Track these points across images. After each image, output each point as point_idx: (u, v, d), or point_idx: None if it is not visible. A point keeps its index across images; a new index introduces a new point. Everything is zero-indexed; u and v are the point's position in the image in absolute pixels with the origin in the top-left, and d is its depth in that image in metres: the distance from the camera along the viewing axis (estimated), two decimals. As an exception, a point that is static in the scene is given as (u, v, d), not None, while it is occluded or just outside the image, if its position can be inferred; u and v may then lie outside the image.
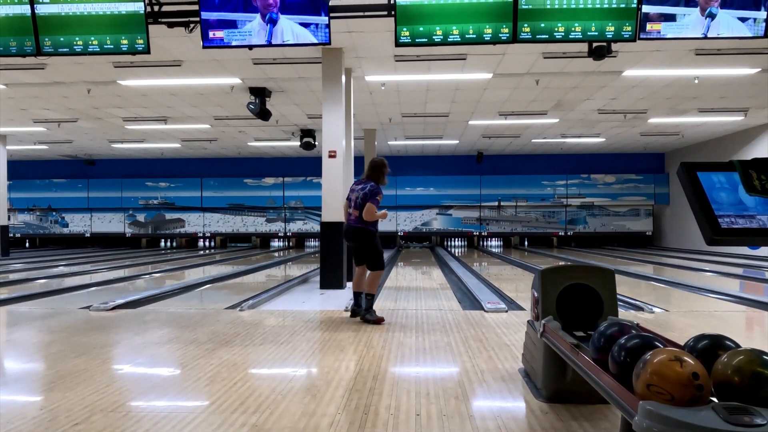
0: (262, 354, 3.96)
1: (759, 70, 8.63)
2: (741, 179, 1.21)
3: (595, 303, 2.96)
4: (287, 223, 19.31)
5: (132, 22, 5.54)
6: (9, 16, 5.62)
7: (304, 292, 7.37)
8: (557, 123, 13.12)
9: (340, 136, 7.58)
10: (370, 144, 13.89)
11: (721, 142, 15.25)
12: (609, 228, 18.63)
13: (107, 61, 8.08)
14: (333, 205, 7.58)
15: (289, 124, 13.01)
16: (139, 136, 14.66)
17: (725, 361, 1.68)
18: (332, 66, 7.59)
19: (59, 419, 2.65)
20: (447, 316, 5.46)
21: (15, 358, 4.02)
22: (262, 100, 9.61)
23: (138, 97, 10.32)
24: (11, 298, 6.78)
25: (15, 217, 19.57)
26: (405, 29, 5.34)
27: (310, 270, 10.27)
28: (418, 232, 19.07)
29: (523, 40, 5.28)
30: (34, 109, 11.31)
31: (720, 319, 5.26)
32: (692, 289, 7.38)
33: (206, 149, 17.15)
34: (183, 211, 19.45)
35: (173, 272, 10.48)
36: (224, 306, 6.09)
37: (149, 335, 4.59)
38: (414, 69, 8.55)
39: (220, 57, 7.94)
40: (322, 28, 5.42)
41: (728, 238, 1.17)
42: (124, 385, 3.26)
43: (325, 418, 2.66)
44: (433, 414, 2.72)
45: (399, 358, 3.84)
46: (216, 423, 2.60)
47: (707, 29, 5.16)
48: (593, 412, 2.71)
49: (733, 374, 1.62)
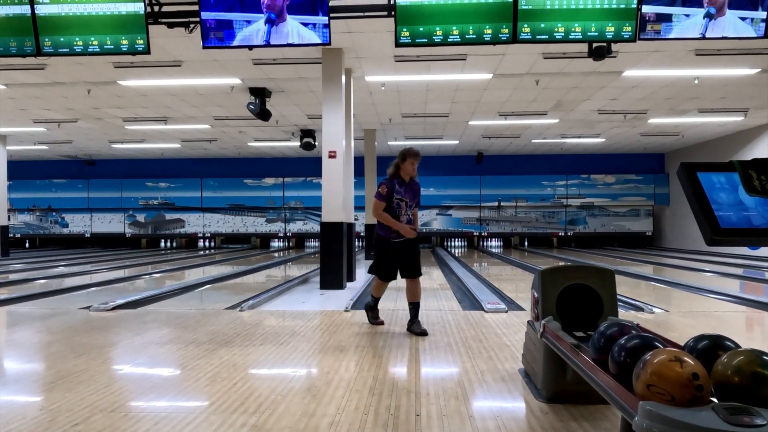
0: (262, 354, 3.96)
1: (759, 70, 8.62)
2: (741, 179, 1.21)
3: (595, 303, 2.96)
4: (287, 224, 19.31)
5: (132, 23, 5.54)
6: (9, 16, 5.62)
7: (304, 293, 7.36)
8: (557, 123, 13.12)
9: (340, 136, 7.58)
10: (370, 144, 13.90)
11: (721, 142, 15.25)
12: (609, 228, 18.62)
13: (107, 61, 8.08)
14: (333, 205, 7.57)
15: (289, 124, 13.01)
16: (139, 136, 14.66)
17: (725, 361, 1.68)
18: (332, 66, 7.59)
19: (59, 419, 2.65)
20: (447, 316, 5.46)
21: (15, 358, 4.01)
22: (262, 101, 9.61)
23: (138, 97, 10.32)
24: (11, 298, 6.78)
25: (15, 218, 19.57)
26: (405, 29, 5.34)
27: (310, 270, 10.27)
28: (418, 233, 19.03)
29: (523, 41, 5.28)
30: (34, 109, 11.31)
31: (720, 320, 5.27)
32: (692, 290, 7.38)
33: (206, 149, 17.15)
34: (183, 212, 19.45)
35: (173, 272, 10.48)
36: (224, 306, 6.09)
37: (149, 335, 4.59)
38: (414, 69, 8.55)
39: (220, 57, 7.94)
40: (321, 28, 5.42)
41: (728, 239, 1.17)
42: (124, 385, 3.26)
43: (325, 418, 2.66)
44: (433, 414, 2.72)
45: (399, 358, 3.84)
46: (216, 423, 2.60)
47: (705, 29, 5.16)
48: (593, 413, 2.70)
49: (733, 374, 1.62)
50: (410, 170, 4.68)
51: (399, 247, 4.70)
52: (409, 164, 4.66)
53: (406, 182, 4.72)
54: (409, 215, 4.73)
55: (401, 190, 4.68)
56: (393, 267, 4.72)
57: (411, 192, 4.74)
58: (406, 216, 4.70)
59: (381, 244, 4.77)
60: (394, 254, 4.70)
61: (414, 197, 4.76)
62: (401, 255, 4.70)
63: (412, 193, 4.75)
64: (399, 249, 4.70)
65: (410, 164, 4.66)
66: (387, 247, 4.72)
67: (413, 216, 4.79)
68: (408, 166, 4.67)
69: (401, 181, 4.70)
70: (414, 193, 4.77)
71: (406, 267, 4.70)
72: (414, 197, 4.76)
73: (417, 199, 4.81)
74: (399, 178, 4.71)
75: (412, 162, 4.66)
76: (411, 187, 4.75)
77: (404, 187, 4.70)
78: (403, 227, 4.63)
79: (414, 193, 4.77)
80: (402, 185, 4.69)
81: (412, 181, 4.79)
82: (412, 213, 4.78)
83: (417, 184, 4.84)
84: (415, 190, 4.79)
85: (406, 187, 4.71)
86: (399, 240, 4.68)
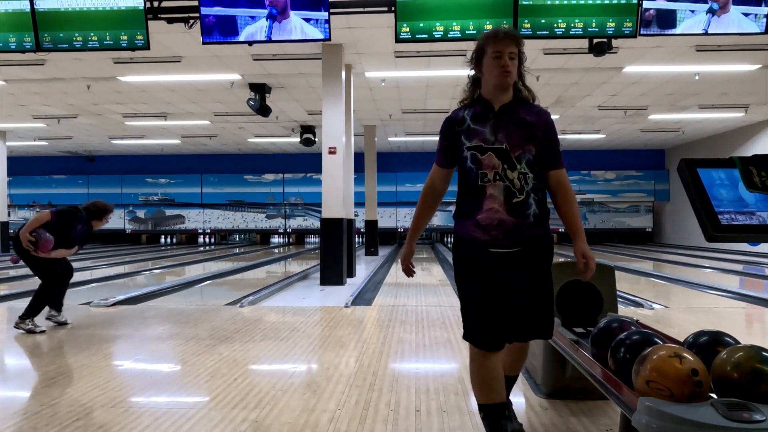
0: (263, 350, 3.96)
1: (759, 66, 8.61)
2: (741, 176, 1.21)
3: (595, 299, 2.96)
4: (287, 220, 19.30)
5: (131, 18, 5.53)
6: (8, 11, 5.61)
7: (304, 289, 7.37)
8: (557, 119, 13.10)
9: (340, 132, 7.57)
10: (370, 140, 13.89)
11: (722, 138, 15.23)
12: (609, 224, 18.62)
13: (107, 57, 8.06)
14: (333, 201, 7.57)
15: (289, 120, 12.99)
16: (139, 132, 14.64)
17: (724, 357, 1.68)
18: (332, 62, 7.58)
19: (60, 415, 2.65)
20: (447, 312, 5.46)
21: (16, 354, 4.02)
22: (262, 97, 9.60)
23: (138, 93, 10.30)
24: (11, 294, 6.78)
25: (15, 213, 19.56)
26: (405, 25, 5.33)
27: (310, 266, 10.27)
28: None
29: (524, 36, 5.26)
30: (34, 105, 11.29)
31: (719, 316, 5.27)
32: (692, 286, 7.38)
33: (206, 145, 17.13)
34: (183, 208, 19.44)
35: (173, 268, 10.48)
36: (224, 302, 6.09)
37: (149, 331, 4.60)
38: (414, 65, 8.53)
39: (219, 53, 7.92)
40: (322, 23, 5.41)
41: (728, 235, 1.17)
42: (124, 380, 3.27)
43: (325, 413, 2.67)
44: (433, 410, 2.72)
45: (399, 354, 3.85)
46: (216, 419, 2.60)
47: (708, 25, 5.15)
48: (592, 408, 2.71)
49: (733, 370, 1.62)
50: (499, 76, 2.03)
51: (502, 262, 2.05)
52: (494, 60, 2.04)
53: (495, 108, 2.08)
54: (527, 189, 2.03)
55: (482, 128, 2.06)
56: (491, 308, 2.03)
57: (516, 127, 2.05)
58: (518, 192, 2.02)
59: (461, 253, 2.14)
60: (489, 276, 2.05)
61: (528, 140, 2.04)
62: (508, 282, 2.05)
63: (521, 128, 2.05)
64: (501, 265, 2.05)
65: (495, 59, 2.03)
66: (473, 261, 2.08)
67: (553, 188, 2.13)
68: (492, 64, 2.04)
69: (485, 106, 2.09)
70: (527, 129, 2.05)
71: (520, 315, 2.06)
72: (528, 140, 2.04)
73: (541, 143, 2.07)
74: (481, 103, 2.11)
75: (497, 53, 2.03)
76: (514, 118, 2.07)
77: (494, 120, 2.06)
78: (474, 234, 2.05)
79: (527, 128, 2.05)
80: (486, 114, 2.08)
81: (517, 104, 2.10)
82: (536, 184, 2.06)
83: (534, 109, 2.11)
84: (530, 123, 2.06)
85: (499, 119, 2.06)
86: (502, 249, 2.04)
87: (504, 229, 2.01)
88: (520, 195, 2.02)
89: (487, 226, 2.02)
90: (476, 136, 2.05)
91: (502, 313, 2.02)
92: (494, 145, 2.03)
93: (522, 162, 2.03)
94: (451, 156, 2.15)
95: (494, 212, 2.02)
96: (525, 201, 2.03)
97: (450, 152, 2.14)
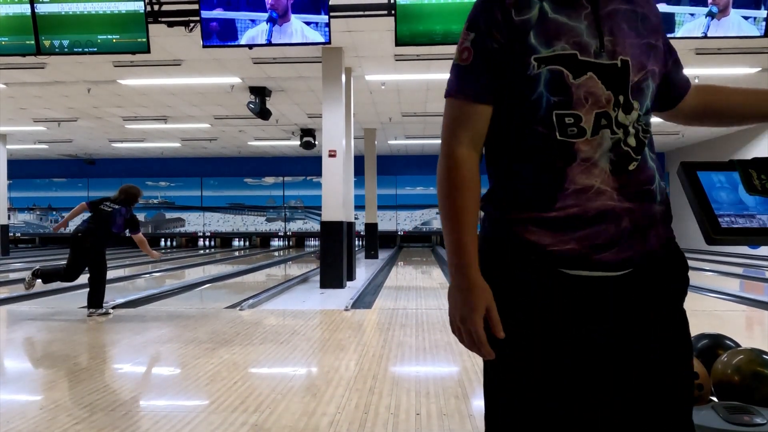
0: (262, 353, 3.96)
1: (759, 69, 8.62)
2: (741, 179, 1.21)
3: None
4: (287, 223, 19.31)
5: (132, 22, 5.54)
6: (9, 15, 5.62)
7: (304, 292, 7.37)
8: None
9: (340, 135, 7.57)
10: (370, 143, 13.90)
11: (721, 141, 15.25)
12: (609, 227, 18.61)
13: (107, 60, 8.07)
14: (333, 204, 7.57)
15: (289, 123, 13.00)
16: (139, 135, 14.65)
17: (725, 360, 1.68)
18: (332, 65, 7.59)
19: (59, 418, 2.65)
20: (447, 315, 5.45)
21: (15, 357, 4.02)
22: (262, 100, 9.61)
23: (138, 96, 10.32)
24: (11, 297, 6.78)
25: (15, 217, 19.57)
26: (405, 28, 5.34)
27: (310, 269, 10.27)
28: (418, 232, 19.06)
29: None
30: (34, 108, 11.30)
31: (720, 319, 5.26)
32: (692, 289, 7.35)
33: (206, 149, 17.15)
34: (183, 211, 19.45)
35: (173, 272, 10.48)
36: (224, 305, 6.09)
37: (149, 335, 4.59)
38: (414, 68, 8.54)
39: (220, 56, 7.93)
40: (322, 27, 5.42)
41: (728, 238, 1.17)
42: (124, 384, 3.26)
43: (325, 417, 2.66)
44: (433, 413, 2.72)
45: (399, 357, 3.84)
46: (216, 422, 2.60)
47: (707, 28, 5.16)
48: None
49: (733, 374, 1.62)
50: None
51: (595, 302, 1.00)
52: None
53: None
54: (646, 148, 1.03)
55: (572, 20, 0.98)
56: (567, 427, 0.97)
57: (631, 23, 1.01)
58: (633, 153, 1.00)
59: (506, 284, 1.06)
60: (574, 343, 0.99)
61: (651, 51, 1.03)
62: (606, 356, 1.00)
63: (639, 27, 1.02)
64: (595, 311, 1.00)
65: None
66: (535, 305, 1.01)
67: (694, 103, 1.17)
68: None
69: None
70: (649, 30, 1.03)
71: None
72: (651, 51, 1.03)
73: (668, 56, 1.10)
74: None
75: None
76: (623, 8, 1.01)
77: (592, 6, 0.99)
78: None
79: (647, 27, 1.03)
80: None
81: None
82: (651, 141, 1.06)
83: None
84: (648, 18, 1.04)
85: (604, 4, 1.00)
86: (600, 272, 1.00)
87: (616, 231, 0.99)
88: (636, 158, 1.01)
89: (575, 224, 0.98)
90: (562, 35, 0.98)
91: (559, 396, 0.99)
92: (601, 58, 0.98)
93: (646, 96, 1.02)
94: (495, 74, 1.03)
95: (594, 194, 0.98)
96: (644, 169, 1.03)
97: (495, 66, 1.03)
